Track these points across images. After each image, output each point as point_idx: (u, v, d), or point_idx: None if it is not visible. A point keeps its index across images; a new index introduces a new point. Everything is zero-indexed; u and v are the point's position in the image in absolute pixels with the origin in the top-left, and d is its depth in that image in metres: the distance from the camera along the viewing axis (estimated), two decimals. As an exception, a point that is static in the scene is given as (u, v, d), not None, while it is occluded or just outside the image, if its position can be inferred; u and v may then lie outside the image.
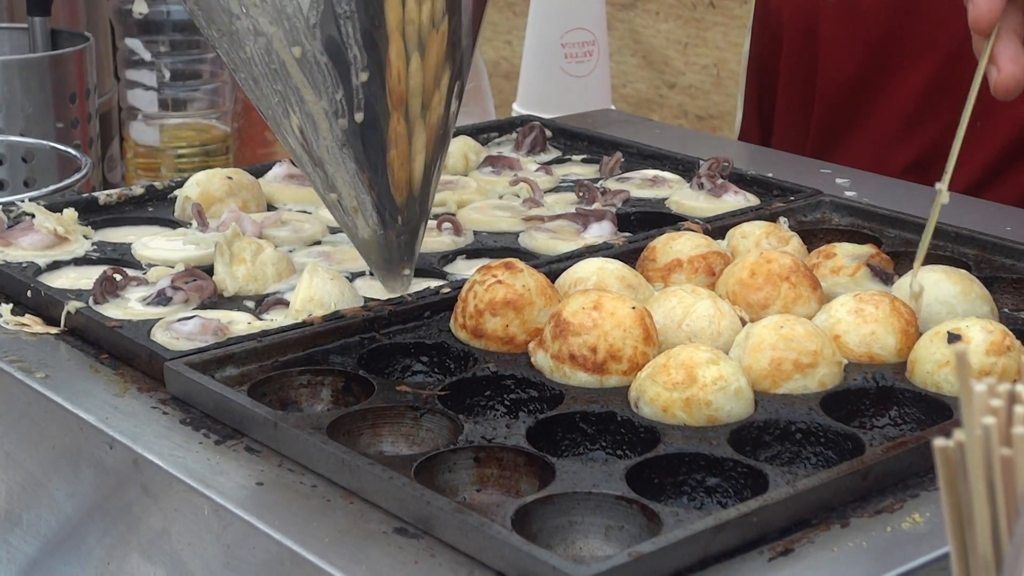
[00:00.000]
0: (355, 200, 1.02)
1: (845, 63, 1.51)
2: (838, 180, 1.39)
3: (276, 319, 1.04)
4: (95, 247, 1.19)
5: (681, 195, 1.32)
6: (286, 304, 1.06)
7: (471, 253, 1.20)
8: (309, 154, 1.01)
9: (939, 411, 0.92)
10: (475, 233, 1.23)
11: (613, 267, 1.06)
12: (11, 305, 1.08)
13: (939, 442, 0.55)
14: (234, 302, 1.09)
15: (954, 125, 1.44)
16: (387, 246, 1.04)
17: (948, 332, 0.95)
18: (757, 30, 1.65)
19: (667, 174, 1.39)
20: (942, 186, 1.03)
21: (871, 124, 1.50)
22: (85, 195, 1.30)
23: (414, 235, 1.05)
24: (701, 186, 1.32)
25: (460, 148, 1.40)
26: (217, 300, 1.09)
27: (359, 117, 0.98)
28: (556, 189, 1.36)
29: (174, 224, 1.25)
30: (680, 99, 2.93)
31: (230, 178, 1.27)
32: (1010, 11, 1.02)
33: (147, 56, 1.78)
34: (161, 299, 1.06)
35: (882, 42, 1.48)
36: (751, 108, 1.68)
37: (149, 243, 1.19)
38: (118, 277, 1.08)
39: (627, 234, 1.22)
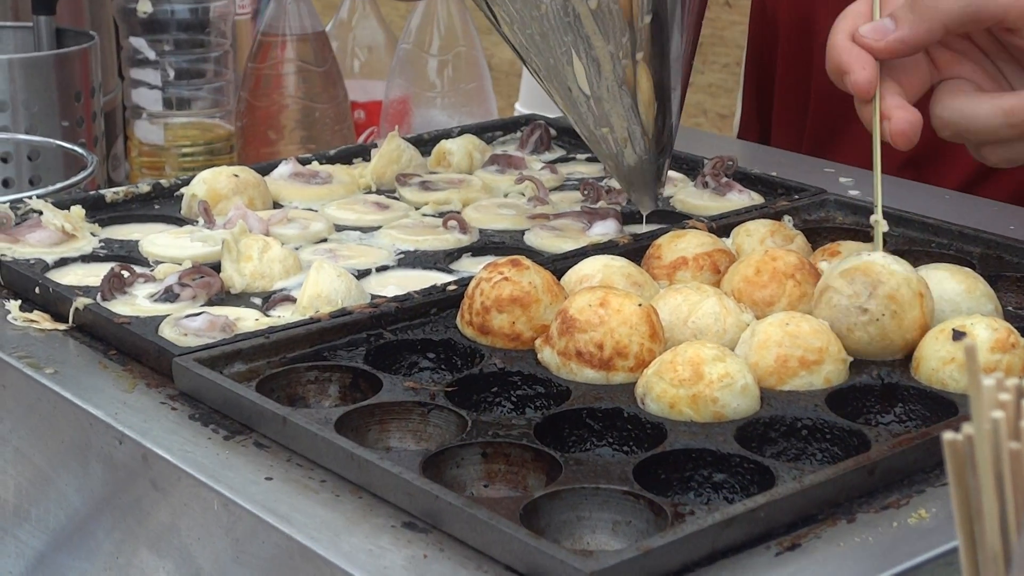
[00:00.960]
0: (626, 131, 1.16)
1: None
2: (842, 179, 1.39)
3: (283, 316, 1.05)
4: (102, 244, 1.20)
5: (685, 193, 1.33)
6: (293, 301, 1.07)
7: (477, 251, 1.20)
8: (587, 95, 1.15)
9: (944, 407, 0.93)
10: (481, 231, 1.24)
11: (619, 264, 1.07)
12: (19, 302, 1.08)
13: (948, 436, 0.56)
14: (241, 299, 1.09)
15: None
16: (649, 169, 1.19)
17: (953, 329, 0.96)
18: (754, 27, 1.66)
19: (671, 172, 1.39)
20: (877, 217, 1.04)
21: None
22: (92, 192, 1.31)
23: (667, 158, 1.21)
24: (705, 184, 1.33)
25: (465, 146, 1.41)
26: (224, 297, 1.09)
27: (640, 56, 1.12)
28: (561, 187, 1.37)
29: (180, 222, 1.25)
30: (699, 98, 2.94)
31: (236, 176, 1.28)
32: (885, 69, 1.05)
33: (151, 55, 1.79)
34: (169, 296, 1.07)
35: None
36: (750, 106, 1.68)
37: (156, 240, 1.19)
38: (125, 274, 1.09)
39: (632, 232, 1.22)
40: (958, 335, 0.95)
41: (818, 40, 1.52)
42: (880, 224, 1.05)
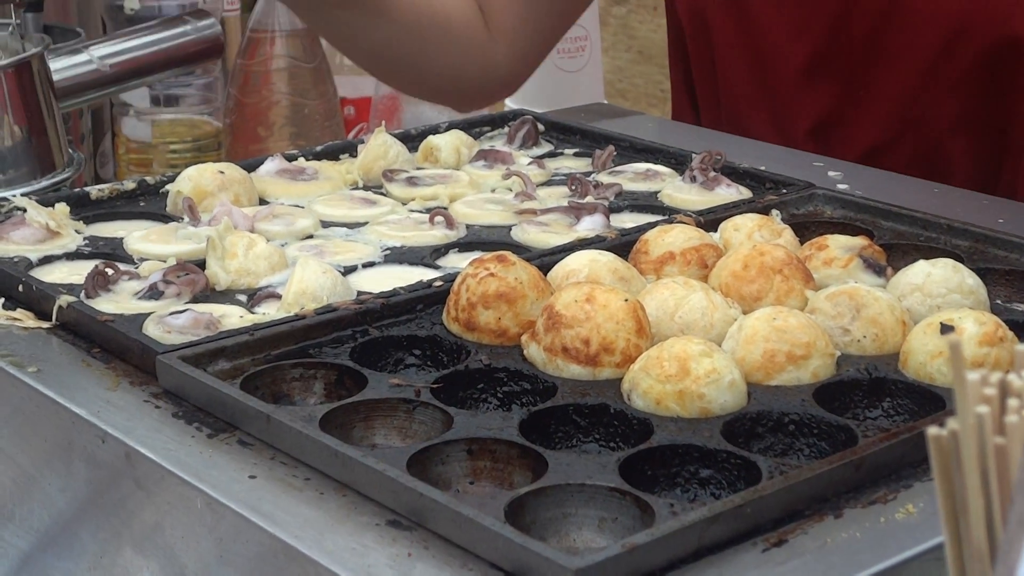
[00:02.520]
0: None
1: (733, 47, 1.56)
2: (830, 173, 1.39)
3: (268, 312, 1.04)
4: (87, 242, 1.19)
5: (673, 188, 1.32)
6: (278, 298, 1.06)
7: (463, 246, 1.19)
8: None
9: (932, 402, 0.92)
10: (467, 227, 1.23)
11: (605, 259, 1.06)
12: (2, 299, 1.08)
13: (933, 431, 0.55)
14: (226, 296, 1.08)
15: (844, 94, 1.49)
16: None
17: (941, 323, 0.95)
18: (668, 15, 1.68)
19: (660, 167, 1.39)
20: None
21: (766, 95, 1.54)
22: (77, 190, 1.30)
23: None
24: (694, 179, 1.32)
25: (452, 142, 1.40)
26: (209, 294, 1.08)
27: None
28: (548, 183, 1.36)
29: (166, 219, 1.25)
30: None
31: (222, 172, 1.27)
32: None
33: (139, 52, 1.78)
34: (153, 293, 1.06)
35: (766, 23, 1.51)
36: (678, 88, 1.70)
37: (141, 237, 1.18)
38: (110, 271, 1.08)
39: (620, 227, 1.21)
40: (946, 329, 0.95)
41: (715, 39, 1.55)
42: None
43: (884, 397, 0.94)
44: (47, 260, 1.15)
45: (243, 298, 1.08)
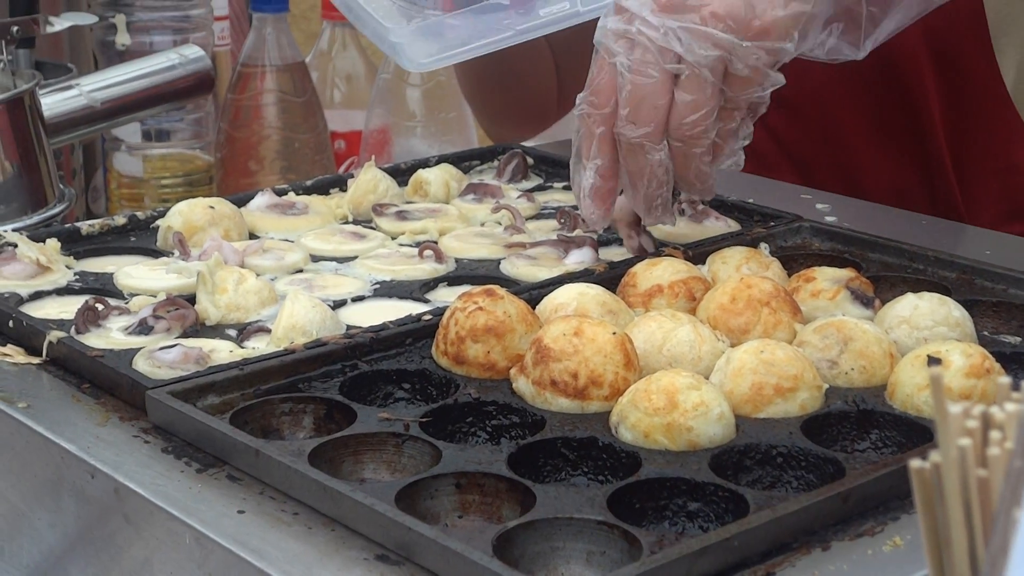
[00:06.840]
0: None
1: None
2: (818, 205, 1.39)
3: (258, 347, 1.05)
4: (77, 277, 1.19)
5: (662, 221, 1.32)
6: (268, 332, 1.06)
7: (453, 280, 1.20)
8: None
9: (919, 434, 0.92)
10: (457, 260, 1.24)
11: (594, 293, 1.07)
12: (-7, 335, 1.08)
13: (915, 464, 0.55)
14: (216, 330, 1.09)
15: None
16: None
17: (928, 356, 0.96)
18: None
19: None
20: None
21: None
22: (68, 225, 1.30)
23: None
24: (682, 212, 1.33)
25: (442, 176, 1.41)
26: (199, 329, 1.09)
27: None
28: (537, 216, 1.36)
29: (156, 254, 1.25)
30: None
31: (212, 207, 1.27)
32: None
33: (130, 87, 1.78)
34: (143, 328, 1.06)
35: None
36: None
37: (131, 272, 1.19)
38: (100, 307, 1.08)
39: (608, 260, 1.22)
40: (933, 361, 0.95)
41: None
42: None
43: (872, 429, 0.94)
44: (38, 295, 1.15)
45: (233, 332, 1.08)
